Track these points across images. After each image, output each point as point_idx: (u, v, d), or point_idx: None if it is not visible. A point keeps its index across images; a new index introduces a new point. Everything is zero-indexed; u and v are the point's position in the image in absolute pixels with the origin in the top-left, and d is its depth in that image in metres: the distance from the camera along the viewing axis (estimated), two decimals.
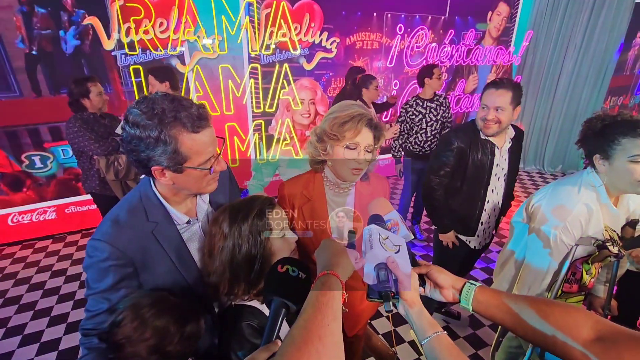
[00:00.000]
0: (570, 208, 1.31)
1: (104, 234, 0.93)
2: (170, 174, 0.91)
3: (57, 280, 3.01)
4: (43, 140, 3.33)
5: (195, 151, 0.89)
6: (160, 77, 2.77)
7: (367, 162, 1.20)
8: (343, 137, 1.15)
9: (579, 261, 1.40)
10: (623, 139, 1.21)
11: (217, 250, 0.96)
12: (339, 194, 1.30)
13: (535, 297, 0.86)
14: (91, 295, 0.95)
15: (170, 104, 0.86)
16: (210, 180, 0.99)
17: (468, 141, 1.87)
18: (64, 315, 2.62)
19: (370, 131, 1.18)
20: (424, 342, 0.69)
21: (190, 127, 0.86)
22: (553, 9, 5.13)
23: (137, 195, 1.00)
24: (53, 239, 3.63)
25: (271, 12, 3.75)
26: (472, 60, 5.31)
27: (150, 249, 0.97)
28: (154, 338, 0.84)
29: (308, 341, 0.54)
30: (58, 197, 3.56)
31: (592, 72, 5.21)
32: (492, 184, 1.95)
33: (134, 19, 3.23)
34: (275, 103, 4.13)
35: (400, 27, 4.57)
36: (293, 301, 0.69)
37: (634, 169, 1.20)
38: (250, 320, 0.93)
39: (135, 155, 0.88)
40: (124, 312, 0.85)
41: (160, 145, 0.85)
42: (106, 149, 2.55)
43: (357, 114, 1.15)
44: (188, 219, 1.05)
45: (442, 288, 0.81)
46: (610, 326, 0.61)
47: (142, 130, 0.84)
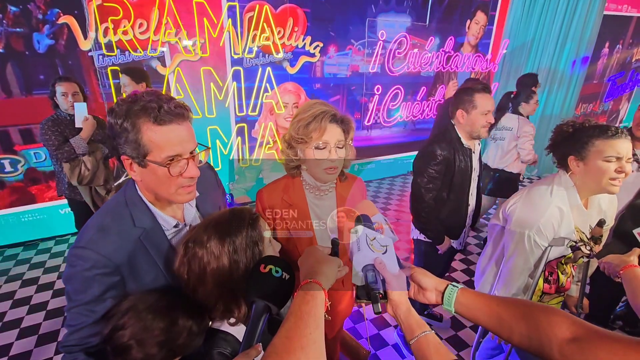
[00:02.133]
0: (542, 210, 1.37)
1: (88, 241, 0.88)
2: (138, 168, 0.90)
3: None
4: (14, 143, 3.19)
5: (156, 145, 0.86)
6: (137, 78, 2.72)
7: (341, 159, 1.18)
8: (310, 139, 1.13)
9: (554, 262, 1.45)
10: (597, 141, 1.28)
11: (209, 273, 0.85)
12: (320, 197, 1.28)
13: (516, 298, 0.88)
14: (73, 308, 0.89)
15: (148, 96, 0.86)
16: (178, 187, 0.92)
17: (452, 150, 1.87)
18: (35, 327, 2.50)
19: (338, 126, 1.15)
20: (411, 341, 0.70)
21: (154, 118, 0.84)
22: (528, 18, 5.34)
23: (122, 199, 0.96)
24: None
25: (254, 16, 3.74)
26: (451, 67, 5.44)
27: (138, 256, 0.94)
28: (162, 334, 0.82)
29: (291, 351, 0.54)
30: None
31: (564, 79, 5.44)
32: (471, 187, 2.00)
33: (111, 19, 3.15)
34: (258, 106, 4.11)
35: (382, 32, 4.65)
36: (276, 303, 0.67)
37: (607, 167, 1.27)
38: (223, 348, 0.85)
39: (109, 142, 0.91)
40: (125, 316, 0.83)
41: (124, 133, 0.85)
42: (62, 156, 2.43)
43: (320, 112, 1.12)
44: (176, 223, 1.02)
45: (425, 290, 0.82)
46: (586, 327, 0.62)
47: (114, 117, 0.86)
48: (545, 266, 1.43)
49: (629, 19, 6.40)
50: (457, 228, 2.06)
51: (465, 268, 3.27)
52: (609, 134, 1.26)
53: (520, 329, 0.69)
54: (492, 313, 0.73)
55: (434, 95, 5.51)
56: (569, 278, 1.52)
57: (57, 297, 2.78)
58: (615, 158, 1.26)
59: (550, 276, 1.48)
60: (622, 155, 1.25)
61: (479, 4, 5.26)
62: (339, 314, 1.46)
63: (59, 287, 2.91)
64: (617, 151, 1.25)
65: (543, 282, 1.48)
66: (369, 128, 5.14)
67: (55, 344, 2.34)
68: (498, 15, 5.49)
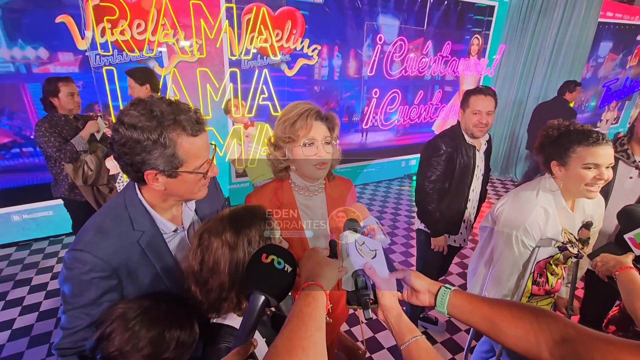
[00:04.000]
0: (529, 211, 1.40)
1: (86, 244, 0.87)
2: (164, 179, 0.89)
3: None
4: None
5: (192, 155, 0.88)
6: (140, 80, 2.69)
7: (329, 154, 1.20)
8: (297, 137, 1.15)
9: (542, 263, 1.47)
10: (578, 147, 1.30)
11: (224, 263, 0.84)
12: (310, 197, 1.29)
13: (508, 300, 0.88)
14: (69, 311, 0.88)
15: (168, 106, 0.84)
16: (201, 186, 0.97)
17: (455, 145, 2.00)
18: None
19: (323, 123, 1.18)
20: (402, 346, 0.70)
21: (190, 130, 0.86)
22: (524, 25, 5.39)
23: (122, 202, 0.95)
24: None
25: (251, 17, 3.74)
26: (449, 72, 5.47)
27: (136, 259, 0.93)
28: (149, 347, 0.80)
29: (292, 352, 0.54)
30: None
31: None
32: (473, 184, 2.10)
33: (108, 18, 3.14)
34: (255, 108, 4.10)
35: (380, 36, 4.67)
36: (275, 297, 0.65)
37: (585, 174, 1.29)
38: (229, 342, 0.86)
39: (128, 158, 0.84)
40: (113, 324, 0.80)
41: (159, 148, 0.83)
42: (65, 156, 2.41)
43: (304, 110, 1.16)
44: (175, 227, 1.01)
45: (419, 292, 0.82)
46: (577, 329, 0.62)
47: (140, 132, 0.81)
48: (533, 267, 1.44)
49: (625, 26, 6.49)
50: (455, 221, 2.16)
51: (461, 272, 3.28)
52: (590, 140, 1.28)
53: (511, 330, 0.69)
54: (483, 315, 0.73)
55: (431, 99, 5.53)
56: (559, 279, 1.53)
57: (50, 298, 2.76)
58: (594, 165, 1.27)
59: (539, 278, 1.49)
60: (601, 163, 1.27)
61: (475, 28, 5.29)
62: (337, 317, 1.45)
63: (52, 287, 2.89)
64: (596, 159, 1.27)
65: (532, 283, 1.49)
66: (366, 131, 5.15)
67: (48, 345, 2.32)
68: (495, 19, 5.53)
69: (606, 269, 1.26)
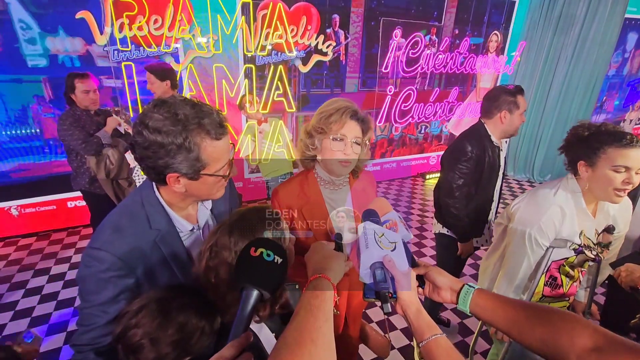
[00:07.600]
0: (544, 209, 1.36)
1: (104, 242, 0.87)
2: (185, 181, 0.88)
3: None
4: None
5: (215, 158, 0.88)
6: (161, 76, 2.74)
7: (356, 155, 1.22)
8: (330, 130, 1.18)
9: (555, 264, 1.43)
10: (609, 148, 1.24)
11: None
12: (335, 190, 1.32)
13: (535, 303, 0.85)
14: (86, 308, 0.89)
15: (192, 109, 0.83)
16: (220, 187, 0.97)
17: (482, 147, 1.93)
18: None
19: (357, 123, 1.20)
20: (421, 344, 0.68)
21: (214, 134, 0.85)
22: (546, 21, 5.23)
23: (139, 200, 0.95)
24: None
25: (267, 13, 3.74)
26: (465, 69, 5.37)
27: (153, 258, 0.93)
28: (178, 333, 0.80)
29: (301, 343, 0.55)
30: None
31: (582, 84, 5.30)
32: (497, 185, 2.07)
33: (127, 14, 3.18)
34: (269, 104, 4.11)
35: (396, 33, 4.61)
36: (267, 289, 0.64)
37: (614, 177, 1.24)
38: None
39: (151, 161, 0.83)
40: (138, 315, 0.81)
41: (183, 152, 0.82)
42: (90, 148, 2.50)
43: (342, 106, 1.19)
44: (192, 227, 1.01)
45: (440, 289, 0.81)
46: (609, 337, 0.60)
47: (165, 136, 0.80)
48: (546, 268, 1.40)
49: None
50: (481, 224, 2.12)
51: (474, 273, 3.22)
52: (623, 142, 1.22)
53: (537, 334, 0.66)
54: (508, 316, 0.71)
55: (447, 97, 5.44)
56: (574, 283, 1.49)
57: (67, 288, 2.83)
58: (625, 168, 1.22)
59: (552, 279, 1.45)
60: (632, 166, 1.22)
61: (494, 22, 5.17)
62: (356, 308, 1.45)
63: (70, 277, 2.96)
64: (627, 161, 1.21)
65: (544, 284, 1.45)
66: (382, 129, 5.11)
67: (65, 333, 2.38)
68: (515, 16, 5.39)
69: (630, 280, 1.21)
